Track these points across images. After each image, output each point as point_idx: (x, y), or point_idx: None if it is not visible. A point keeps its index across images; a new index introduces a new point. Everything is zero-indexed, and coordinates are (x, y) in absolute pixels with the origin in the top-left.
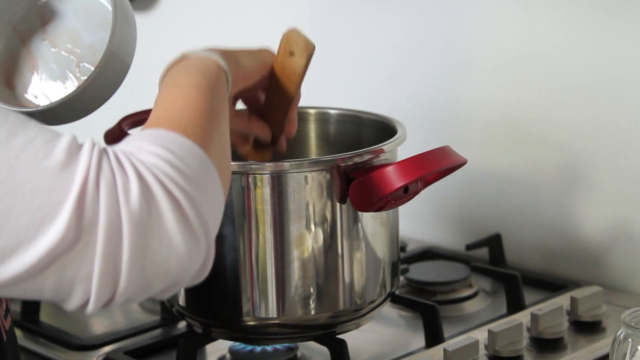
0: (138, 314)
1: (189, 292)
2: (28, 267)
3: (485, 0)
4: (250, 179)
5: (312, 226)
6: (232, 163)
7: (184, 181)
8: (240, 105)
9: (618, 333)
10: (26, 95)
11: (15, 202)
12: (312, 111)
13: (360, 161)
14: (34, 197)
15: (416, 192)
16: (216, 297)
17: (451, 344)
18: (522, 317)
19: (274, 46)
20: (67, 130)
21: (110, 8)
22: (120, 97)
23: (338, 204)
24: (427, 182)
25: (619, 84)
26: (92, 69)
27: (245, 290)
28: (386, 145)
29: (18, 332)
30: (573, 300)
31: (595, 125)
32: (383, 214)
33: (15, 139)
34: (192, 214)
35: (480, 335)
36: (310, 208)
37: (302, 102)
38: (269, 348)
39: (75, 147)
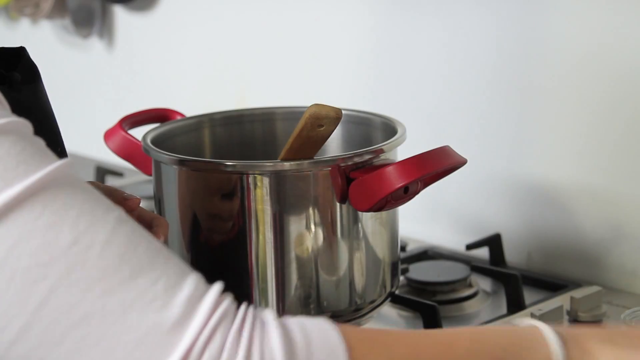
0: None
1: None
2: None
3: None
4: (250, 179)
5: (312, 226)
6: (232, 163)
7: None
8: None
9: None
10: None
11: (118, 347)
12: None
13: (360, 161)
14: (136, 348)
15: (416, 192)
16: None
17: None
18: (522, 317)
19: (272, 46)
20: (66, 128)
21: None
22: (120, 97)
23: (338, 204)
24: (427, 182)
25: (616, 80)
26: None
27: (245, 290)
28: (386, 145)
29: None
30: (573, 300)
31: (596, 126)
32: (383, 213)
33: (138, 279)
34: None
35: None
36: (310, 208)
37: (304, 103)
38: None
39: (196, 298)
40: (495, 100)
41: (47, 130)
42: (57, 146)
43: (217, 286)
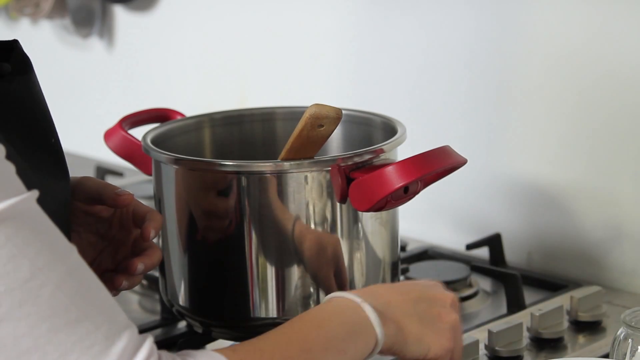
0: (138, 313)
1: (190, 291)
2: None
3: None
4: (250, 179)
5: (312, 226)
6: (232, 162)
7: None
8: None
9: (618, 333)
10: None
11: None
12: None
13: (360, 161)
14: None
15: (416, 192)
16: (216, 297)
17: None
18: (522, 317)
19: (272, 46)
20: (66, 128)
21: None
22: (120, 97)
23: (338, 204)
24: (427, 182)
25: (618, 81)
26: None
27: (245, 290)
28: (386, 145)
29: None
30: (573, 300)
31: (597, 126)
32: (383, 213)
33: (84, 322)
34: None
35: (480, 335)
36: (310, 208)
37: (304, 103)
38: None
39: (131, 351)
40: (495, 100)
41: (40, 121)
42: (50, 137)
43: (149, 342)
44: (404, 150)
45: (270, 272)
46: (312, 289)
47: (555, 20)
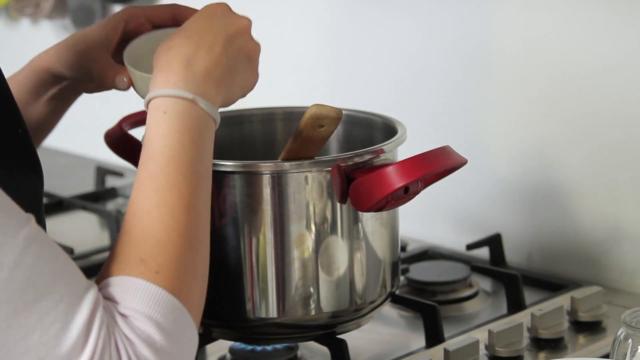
0: None
1: None
2: None
3: (488, 4)
4: (250, 179)
5: (312, 226)
6: (232, 163)
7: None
8: None
9: (618, 333)
10: None
11: None
12: None
13: (361, 161)
14: None
15: (416, 192)
16: (217, 297)
17: (451, 344)
18: (522, 317)
19: (272, 46)
20: (66, 128)
21: None
22: (120, 97)
23: (338, 204)
24: (427, 182)
25: (619, 82)
26: None
27: (245, 290)
28: (386, 145)
29: None
30: (573, 300)
31: (594, 124)
32: (383, 214)
33: (42, 301)
34: None
35: (481, 335)
36: (310, 208)
37: (304, 102)
38: (269, 348)
39: (90, 322)
40: (495, 100)
41: (4, 113)
42: (17, 128)
43: (100, 311)
44: (404, 150)
45: (270, 272)
46: (312, 289)
47: (551, 19)
